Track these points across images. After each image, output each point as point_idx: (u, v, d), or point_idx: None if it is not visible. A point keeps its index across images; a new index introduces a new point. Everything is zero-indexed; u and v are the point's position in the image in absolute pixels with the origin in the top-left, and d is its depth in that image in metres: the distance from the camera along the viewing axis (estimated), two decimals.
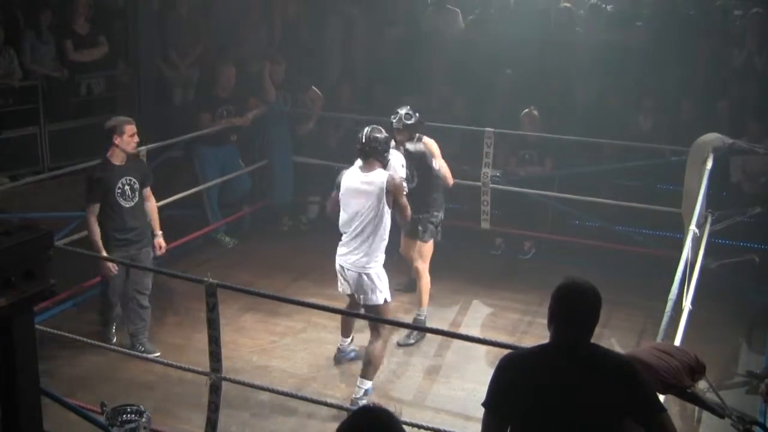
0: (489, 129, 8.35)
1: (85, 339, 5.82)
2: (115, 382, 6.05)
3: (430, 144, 6.95)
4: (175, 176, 8.66)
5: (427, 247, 6.93)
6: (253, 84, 9.19)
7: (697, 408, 5.03)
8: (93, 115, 8.98)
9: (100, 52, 8.99)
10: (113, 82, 9.28)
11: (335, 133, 9.45)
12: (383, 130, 6.05)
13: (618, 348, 6.41)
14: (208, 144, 8.76)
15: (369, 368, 5.88)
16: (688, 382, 3.43)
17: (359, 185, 5.87)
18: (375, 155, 5.91)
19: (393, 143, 6.50)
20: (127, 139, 6.36)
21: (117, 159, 6.41)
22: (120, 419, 4.33)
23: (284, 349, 6.74)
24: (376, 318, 5.85)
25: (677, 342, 4.30)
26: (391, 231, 6.01)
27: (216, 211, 8.97)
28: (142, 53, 9.42)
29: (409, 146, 6.73)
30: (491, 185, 8.40)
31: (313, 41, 10.15)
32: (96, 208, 6.28)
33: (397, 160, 6.35)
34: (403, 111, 6.81)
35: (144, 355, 6.30)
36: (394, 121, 6.77)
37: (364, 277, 5.86)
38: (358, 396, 5.82)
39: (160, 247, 6.76)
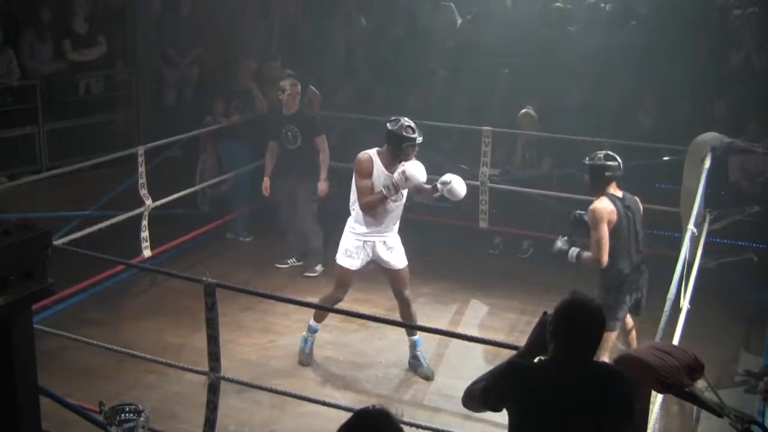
0: (487, 128, 8.36)
1: (83, 338, 5.81)
2: (114, 381, 6.05)
3: (593, 210, 5.68)
4: (174, 175, 8.67)
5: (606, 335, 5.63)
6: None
7: (695, 407, 5.03)
8: (91, 114, 9.01)
9: (99, 52, 9.01)
10: (112, 81, 9.30)
11: (334, 132, 9.44)
12: (400, 123, 6.07)
13: (617, 346, 6.41)
14: (231, 138, 9.03)
15: (317, 312, 6.41)
16: (686, 381, 3.43)
17: None
18: (385, 140, 6.11)
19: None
20: (287, 97, 7.89)
21: (286, 110, 7.96)
22: (118, 418, 4.31)
23: (283, 348, 6.74)
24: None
25: (675, 341, 4.30)
26: None
27: (244, 201, 9.21)
28: (140, 53, 9.44)
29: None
30: (489, 184, 8.41)
31: (312, 40, 10.16)
32: (271, 143, 8.07)
33: (405, 166, 5.98)
34: (598, 153, 5.87)
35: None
36: None
37: None
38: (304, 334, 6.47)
39: (321, 192, 7.99)
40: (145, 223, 7.64)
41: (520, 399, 3.12)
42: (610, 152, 5.86)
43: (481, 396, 3.22)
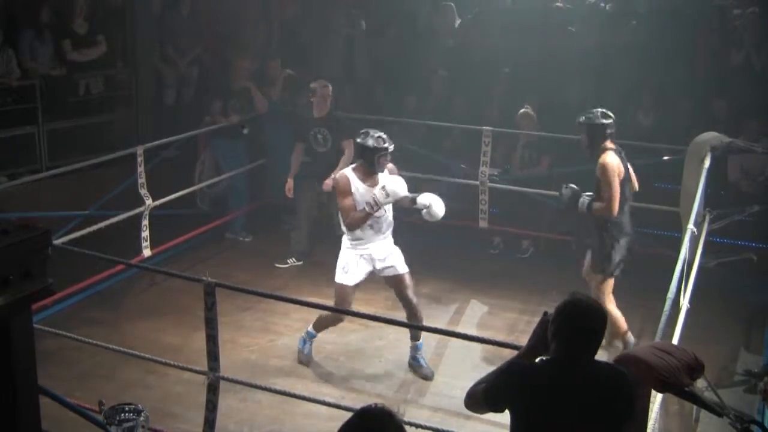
0: (487, 128, 8.37)
1: (83, 338, 5.81)
2: (114, 381, 6.05)
3: (601, 163, 6.09)
4: (173, 175, 8.67)
5: (603, 281, 6.29)
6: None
7: (695, 407, 5.03)
8: (91, 114, 9.01)
9: (99, 52, 9.01)
10: (112, 81, 9.29)
11: None
12: (369, 135, 6.16)
13: (618, 346, 6.41)
14: (226, 137, 9.02)
15: (318, 323, 6.47)
16: (686, 381, 3.43)
17: None
18: (358, 155, 6.30)
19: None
20: (318, 99, 7.92)
21: (316, 113, 8.00)
22: (118, 418, 4.31)
23: (282, 348, 6.74)
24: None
25: (675, 341, 4.30)
26: None
27: (242, 201, 9.25)
28: (140, 52, 9.44)
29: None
30: (489, 184, 8.41)
31: (312, 40, 10.16)
32: (298, 145, 8.12)
33: (383, 180, 6.11)
34: (594, 110, 6.25)
35: None
36: None
37: None
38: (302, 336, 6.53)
39: (324, 186, 7.89)
40: (145, 222, 7.64)
41: (521, 399, 3.12)
42: (604, 110, 6.19)
43: (482, 397, 3.22)
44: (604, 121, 6.15)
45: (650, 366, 3.35)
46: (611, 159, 6.07)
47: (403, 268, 6.33)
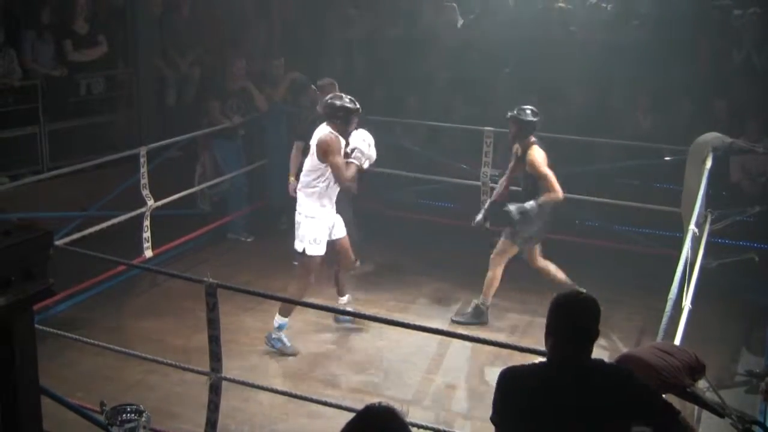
0: (488, 128, 8.36)
1: (84, 338, 5.82)
2: (115, 381, 6.05)
3: (530, 160, 6.79)
4: (173, 176, 8.67)
5: (510, 246, 7.09)
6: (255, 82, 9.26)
7: (696, 407, 5.01)
8: (92, 114, 9.01)
9: (100, 52, 9.01)
10: (113, 81, 9.29)
11: None
12: (343, 99, 6.53)
13: (619, 347, 6.42)
14: (224, 137, 9.04)
15: (284, 307, 6.52)
16: (688, 381, 3.43)
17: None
18: (328, 118, 6.50)
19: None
20: (323, 97, 7.21)
21: (321, 109, 7.41)
22: (119, 419, 4.32)
23: None
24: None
25: (677, 341, 4.30)
26: None
27: (243, 202, 9.26)
28: (141, 53, 9.44)
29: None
30: (491, 184, 8.40)
31: (313, 41, 10.16)
32: (297, 144, 7.67)
33: (359, 134, 6.53)
34: (525, 108, 6.88)
35: None
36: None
37: (296, 224, 6.51)
38: (273, 329, 6.56)
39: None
40: (147, 223, 7.64)
41: (518, 402, 3.07)
42: (533, 107, 6.88)
43: (493, 418, 3.13)
44: (534, 119, 6.81)
45: (651, 366, 3.36)
46: (538, 153, 6.73)
47: (343, 231, 6.65)
